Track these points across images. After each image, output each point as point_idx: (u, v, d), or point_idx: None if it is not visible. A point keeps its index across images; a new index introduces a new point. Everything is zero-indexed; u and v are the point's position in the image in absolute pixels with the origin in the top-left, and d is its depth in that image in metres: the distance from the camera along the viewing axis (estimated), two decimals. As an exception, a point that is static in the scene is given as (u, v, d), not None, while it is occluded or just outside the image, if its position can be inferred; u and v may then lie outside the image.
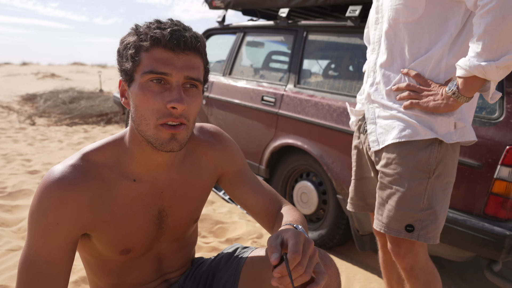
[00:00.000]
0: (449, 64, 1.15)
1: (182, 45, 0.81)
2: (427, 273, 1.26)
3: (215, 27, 3.51)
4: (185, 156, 1.00)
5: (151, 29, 0.81)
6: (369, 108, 1.29)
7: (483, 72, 1.01)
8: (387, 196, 1.22)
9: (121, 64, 0.85)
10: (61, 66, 25.76)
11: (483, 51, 1.00)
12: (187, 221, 1.03)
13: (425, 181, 1.17)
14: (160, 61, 0.80)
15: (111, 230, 0.90)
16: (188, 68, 0.82)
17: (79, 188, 0.83)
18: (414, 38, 1.16)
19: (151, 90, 0.81)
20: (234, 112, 2.97)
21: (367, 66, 1.34)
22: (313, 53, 2.68)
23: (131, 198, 0.91)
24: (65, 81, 13.49)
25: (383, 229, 1.24)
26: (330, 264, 0.91)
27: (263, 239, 2.41)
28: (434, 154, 1.17)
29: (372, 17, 1.31)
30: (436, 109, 1.13)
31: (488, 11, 0.97)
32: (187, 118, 0.84)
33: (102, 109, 6.80)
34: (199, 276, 1.11)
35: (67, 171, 0.84)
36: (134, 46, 0.82)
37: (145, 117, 0.82)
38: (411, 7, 1.14)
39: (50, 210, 0.81)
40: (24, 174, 3.40)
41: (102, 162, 0.89)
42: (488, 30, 0.98)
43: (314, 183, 2.48)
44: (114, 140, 0.92)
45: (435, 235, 1.21)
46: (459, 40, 1.14)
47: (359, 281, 2.08)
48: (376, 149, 1.25)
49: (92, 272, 1.02)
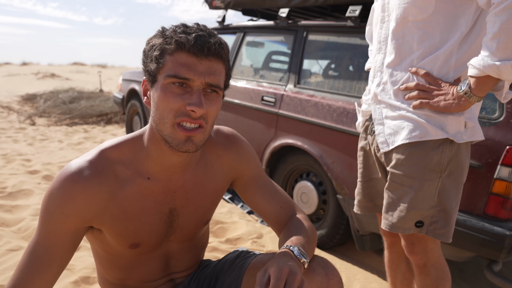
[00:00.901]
0: (459, 62, 1.13)
1: (205, 51, 0.83)
2: (439, 269, 1.26)
3: (215, 27, 3.50)
4: (200, 158, 1.02)
5: (176, 33, 0.84)
6: (376, 108, 1.27)
7: (497, 71, 0.99)
8: (398, 196, 1.21)
9: (146, 64, 0.88)
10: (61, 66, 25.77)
11: (498, 50, 0.98)
12: (198, 222, 1.04)
13: (436, 181, 1.16)
14: (183, 65, 0.83)
15: (121, 224, 0.92)
16: (209, 74, 0.84)
17: (90, 183, 0.86)
18: (423, 37, 1.14)
19: (173, 91, 0.84)
20: (234, 112, 2.97)
21: (373, 66, 1.32)
22: (313, 53, 2.68)
23: (143, 195, 0.93)
24: (65, 81, 13.49)
25: (393, 229, 1.23)
26: (333, 274, 0.91)
27: (263, 239, 2.41)
28: (445, 154, 1.15)
29: (378, 15, 1.28)
30: (447, 109, 1.11)
31: (503, 9, 0.95)
32: (206, 120, 0.87)
33: (102, 109, 6.80)
34: (203, 278, 1.12)
35: (83, 165, 0.87)
36: (159, 49, 0.84)
37: (164, 116, 0.85)
38: (421, 5, 1.11)
39: (58, 199, 0.85)
40: (24, 174, 3.40)
41: (118, 159, 0.91)
42: (504, 28, 0.96)
43: (314, 183, 2.48)
44: (133, 138, 0.95)
45: (445, 233, 1.19)
46: (470, 38, 1.12)
47: (359, 281, 2.08)
48: (386, 150, 1.23)
49: (101, 265, 1.04)
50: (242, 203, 3.05)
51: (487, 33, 1.01)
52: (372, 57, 1.45)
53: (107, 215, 0.90)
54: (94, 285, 1.78)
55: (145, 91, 0.92)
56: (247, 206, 3.00)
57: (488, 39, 1.00)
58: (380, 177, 1.34)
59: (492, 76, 1.01)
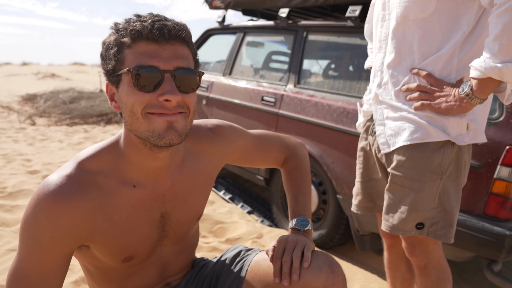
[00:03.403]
0: (461, 63, 1.12)
1: (166, 35, 0.75)
2: (440, 271, 1.25)
3: (215, 27, 3.51)
4: (185, 156, 0.97)
5: (130, 24, 0.77)
6: (377, 109, 1.26)
7: (499, 73, 0.97)
8: (399, 198, 1.20)
9: (105, 66, 0.80)
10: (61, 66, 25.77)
11: (500, 52, 0.96)
12: (190, 219, 1.01)
13: (437, 183, 1.16)
14: (144, 54, 0.76)
15: (112, 239, 0.87)
16: (177, 58, 0.77)
17: (74, 200, 0.79)
18: (424, 37, 1.12)
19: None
20: (234, 112, 2.97)
21: (373, 66, 1.30)
22: (313, 53, 2.68)
23: (132, 205, 0.87)
24: (65, 81, 13.49)
25: (394, 230, 1.22)
26: (338, 271, 0.89)
27: (263, 239, 2.41)
28: (447, 156, 1.14)
29: (378, 13, 1.26)
30: (448, 111, 1.10)
31: (506, 10, 0.93)
32: (185, 107, 0.80)
33: (102, 109, 6.80)
34: (202, 279, 1.09)
35: (63, 182, 0.79)
36: (115, 45, 0.77)
37: (134, 111, 0.78)
38: (422, 4, 1.10)
39: (44, 223, 0.77)
40: (24, 174, 3.40)
41: (98, 170, 0.84)
42: (506, 30, 0.94)
43: (314, 183, 2.48)
44: (109, 145, 0.87)
45: (446, 233, 1.19)
46: (472, 38, 1.10)
47: (359, 281, 2.08)
48: (387, 151, 1.22)
49: (94, 280, 1.00)
50: (242, 203, 3.05)
51: (489, 34, 0.99)
52: (372, 55, 1.43)
53: (97, 231, 0.84)
54: (94, 285, 1.78)
55: (111, 96, 0.84)
56: (247, 206, 3.01)
57: (490, 40, 0.98)
58: (381, 178, 1.33)
59: (494, 78, 1.00)
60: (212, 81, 3.27)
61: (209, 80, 3.31)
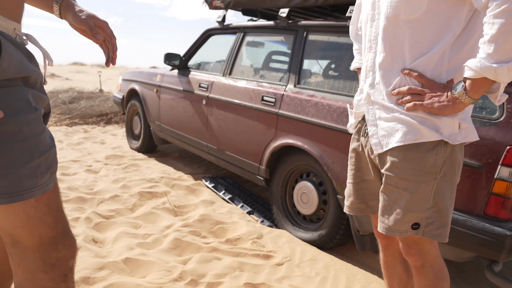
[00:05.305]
0: (451, 64, 1.13)
1: None
2: (437, 270, 1.26)
3: (215, 27, 3.51)
4: None
5: None
6: (369, 109, 1.26)
7: (494, 74, 0.98)
8: (393, 199, 1.21)
9: None
10: (61, 66, 25.76)
11: (496, 52, 0.97)
12: None
13: (431, 183, 1.16)
14: None
15: None
16: None
17: None
18: (415, 37, 1.13)
19: None
20: (234, 112, 2.97)
21: (364, 65, 1.30)
22: (313, 53, 2.68)
23: None
24: (65, 81, 13.49)
25: (390, 232, 1.22)
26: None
27: (263, 239, 2.41)
28: (440, 156, 1.15)
29: (368, 13, 1.25)
30: (441, 111, 1.11)
31: (503, 11, 0.94)
32: None
33: (102, 109, 6.80)
34: None
35: None
36: None
37: None
38: (413, 4, 1.10)
39: None
40: (24, 174, 3.39)
41: None
42: (502, 31, 0.95)
43: (314, 183, 2.48)
44: None
45: (442, 233, 1.20)
46: (462, 39, 1.11)
47: (359, 281, 2.07)
48: (379, 152, 1.22)
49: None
50: (242, 203, 3.05)
51: (484, 34, 0.99)
52: (359, 56, 1.45)
53: None
54: (94, 285, 1.78)
55: None
56: (247, 206, 3.01)
57: (485, 40, 0.99)
58: (373, 179, 1.34)
59: (488, 78, 1.01)
60: (212, 81, 3.27)
61: (209, 80, 3.31)
